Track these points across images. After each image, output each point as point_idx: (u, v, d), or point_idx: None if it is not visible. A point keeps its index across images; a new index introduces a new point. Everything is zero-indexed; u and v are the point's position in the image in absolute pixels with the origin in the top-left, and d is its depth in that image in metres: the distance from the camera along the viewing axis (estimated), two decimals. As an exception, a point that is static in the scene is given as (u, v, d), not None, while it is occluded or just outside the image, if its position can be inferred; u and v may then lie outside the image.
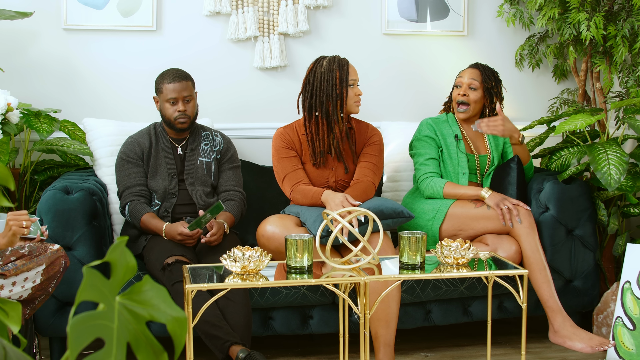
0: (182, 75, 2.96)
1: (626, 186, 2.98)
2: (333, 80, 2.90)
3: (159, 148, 3.00)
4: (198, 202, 2.97)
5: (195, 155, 3.02)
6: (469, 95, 3.12)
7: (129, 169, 2.95)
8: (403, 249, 2.29)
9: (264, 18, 3.52)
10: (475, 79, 3.12)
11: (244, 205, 3.04)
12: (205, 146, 3.05)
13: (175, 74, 2.95)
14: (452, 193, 3.01)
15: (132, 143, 2.99)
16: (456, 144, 3.12)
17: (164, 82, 2.94)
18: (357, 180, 2.96)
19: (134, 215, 2.88)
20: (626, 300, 2.79)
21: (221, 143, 3.09)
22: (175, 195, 2.97)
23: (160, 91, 2.96)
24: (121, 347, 0.76)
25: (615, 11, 3.38)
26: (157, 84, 2.98)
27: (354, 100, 2.94)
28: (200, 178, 3.00)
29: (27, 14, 3.13)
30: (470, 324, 3.18)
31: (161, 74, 2.99)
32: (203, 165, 3.02)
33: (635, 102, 3.06)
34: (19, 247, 2.25)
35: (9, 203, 0.91)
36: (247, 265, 2.17)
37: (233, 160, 3.09)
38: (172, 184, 2.97)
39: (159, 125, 3.05)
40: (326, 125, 2.93)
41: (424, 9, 3.67)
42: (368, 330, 2.22)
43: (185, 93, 2.94)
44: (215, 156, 3.06)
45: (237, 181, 3.07)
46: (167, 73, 2.96)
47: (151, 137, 3.01)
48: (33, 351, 2.59)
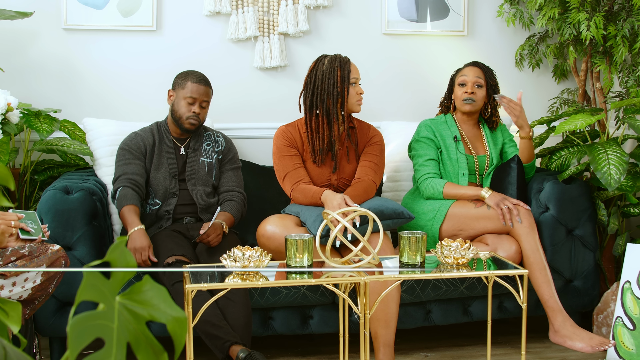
0: (207, 81, 3.00)
1: (626, 186, 2.98)
2: (335, 79, 2.90)
3: (162, 147, 3.00)
4: (199, 202, 2.97)
5: (197, 155, 3.03)
6: (476, 93, 3.13)
7: (129, 159, 2.95)
8: (403, 249, 2.29)
9: (264, 18, 3.52)
10: (480, 77, 3.14)
11: (244, 206, 3.04)
12: (207, 146, 3.06)
13: (202, 77, 2.99)
14: (452, 193, 3.01)
15: (136, 137, 2.99)
16: (455, 144, 3.12)
17: (189, 79, 2.96)
18: (358, 179, 2.96)
19: (122, 200, 2.84)
20: (626, 300, 2.79)
21: (223, 144, 3.10)
22: (175, 196, 2.97)
23: (181, 87, 2.96)
24: (121, 347, 0.76)
25: (615, 11, 3.38)
26: (179, 79, 2.98)
27: (355, 99, 2.94)
28: (201, 178, 3.01)
29: (27, 14, 3.13)
30: (470, 324, 3.18)
31: (186, 71, 3.01)
32: (205, 165, 3.03)
33: (635, 102, 3.06)
34: (19, 248, 2.25)
35: (9, 203, 0.91)
36: (247, 265, 2.17)
37: (234, 161, 3.10)
38: (173, 184, 2.97)
39: (162, 125, 3.05)
40: (326, 123, 2.93)
41: (424, 9, 3.67)
42: (368, 330, 2.22)
43: (205, 98, 2.97)
44: (217, 156, 3.06)
45: (237, 182, 3.07)
46: (194, 73, 2.99)
47: (154, 135, 3.01)
48: (33, 351, 2.59)
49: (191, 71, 3.01)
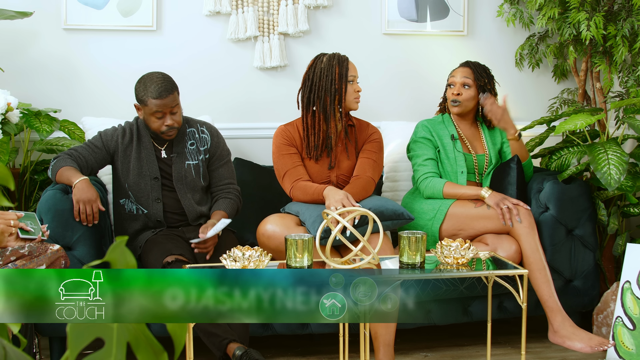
0: (167, 89, 2.77)
1: (626, 186, 2.98)
2: (333, 76, 2.92)
3: (140, 148, 2.88)
4: (189, 213, 2.90)
5: (182, 159, 2.91)
6: (462, 93, 3.12)
7: (90, 144, 2.86)
8: (403, 248, 2.29)
9: (264, 18, 3.52)
10: (467, 77, 3.13)
11: (239, 201, 3.00)
12: (191, 147, 2.94)
13: (161, 88, 2.75)
14: (452, 193, 3.01)
15: (114, 133, 2.89)
16: (453, 143, 3.12)
17: (147, 95, 2.76)
18: (356, 177, 2.97)
19: (58, 163, 2.75)
20: (626, 300, 2.79)
21: (208, 141, 2.97)
22: (159, 201, 2.88)
23: (144, 103, 2.78)
24: (121, 347, 0.76)
25: (615, 11, 3.38)
26: (139, 95, 2.79)
27: (353, 97, 2.95)
28: (189, 183, 2.91)
29: (27, 14, 3.13)
30: (470, 324, 3.18)
31: (143, 83, 2.79)
32: (191, 168, 2.92)
33: (635, 102, 3.06)
34: (19, 247, 2.25)
35: (9, 203, 0.91)
36: (247, 264, 2.17)
37: (222, 156, 3.00)
38: (155, 188, 2.87)
39: (141, 124, 2.91)
40: (323, 119, 2.94)
41: (424, 9, 3.67)
42: (368, 330, 2.22)
43: (172, 104, 2.79)
44: (203, 156, 2.95)
45: (229, 176, 3.01)
46: (150, 84, 2.76)
47: (133, 133, 2.89)
48: (33, 351, 2.59)
49: (148, 80, 2.78)
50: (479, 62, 3.22)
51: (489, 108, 3.08)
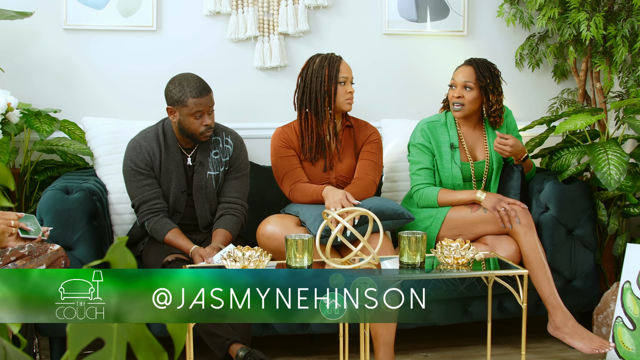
0: (206, 87, 2.77)
1: (626, 186, 2.98)
2: (322, 77, 2.92)
3: (169, 159, 2.83)
4: (201, 221, 2.89)
5: (204, 169, 2.86)
6: (464, 96, 3.01)
7: (141, 180, 2.79)
8: (403, 249, 2.29)
9: (264, 18, 3.52)
10: (469, 79, 3.01)
11: (244, 221, 2.93)
12: (214, 156, 2.88)
13: (200, 87, 2.74)
14: (447, 201, 2.98)
15: (142, 151, 2.80)
16: (451, 153, 3.04)
17: (187, 94, 2.71)
18: (357, 178, 2.96)
19: (157, 233, 2.78)
20: (626, 300, 2.79)
21: (230, 152, 2.91)
22: (179, 213, 2.87)
23: (182, 104, 2.72)
24: (121, 347, 0.76)
25: (615, 11, 3.38)
26: (177, 96, 2.73)
27: (344, 98, 2.94)
28: (208, 194, 2.88)
29: (27, 14, 3.13)
30: (470, 324, 3.18)
31: (178, 84, 2.75)
32: (212, 179, 2.88)
33: (635, 102, 3.06)
34: (19, 247, 2.25)
35: (9, 203, 0.91)
36: (247, 265, 2.17)
37: (241, 168, 2.94)
38: (181, 202, 2.86)
39: (169, 129, 2.86)
40: (315, 121, 2.94)
41: (424, 9, 3.67)
42: (368, 330, 2.22)
43: (210, 104, 2.77)
44: (224, 168, 2.91)
45: (240, 192, 2.92)
46: (187, 84, 2.73)
47: (160, 144, 2.83)
48: (33, 351, 2.59)
49: (184, 81, 2.75)
50: (485, 59, 3.10)
51: (494, 147, 2.97)
